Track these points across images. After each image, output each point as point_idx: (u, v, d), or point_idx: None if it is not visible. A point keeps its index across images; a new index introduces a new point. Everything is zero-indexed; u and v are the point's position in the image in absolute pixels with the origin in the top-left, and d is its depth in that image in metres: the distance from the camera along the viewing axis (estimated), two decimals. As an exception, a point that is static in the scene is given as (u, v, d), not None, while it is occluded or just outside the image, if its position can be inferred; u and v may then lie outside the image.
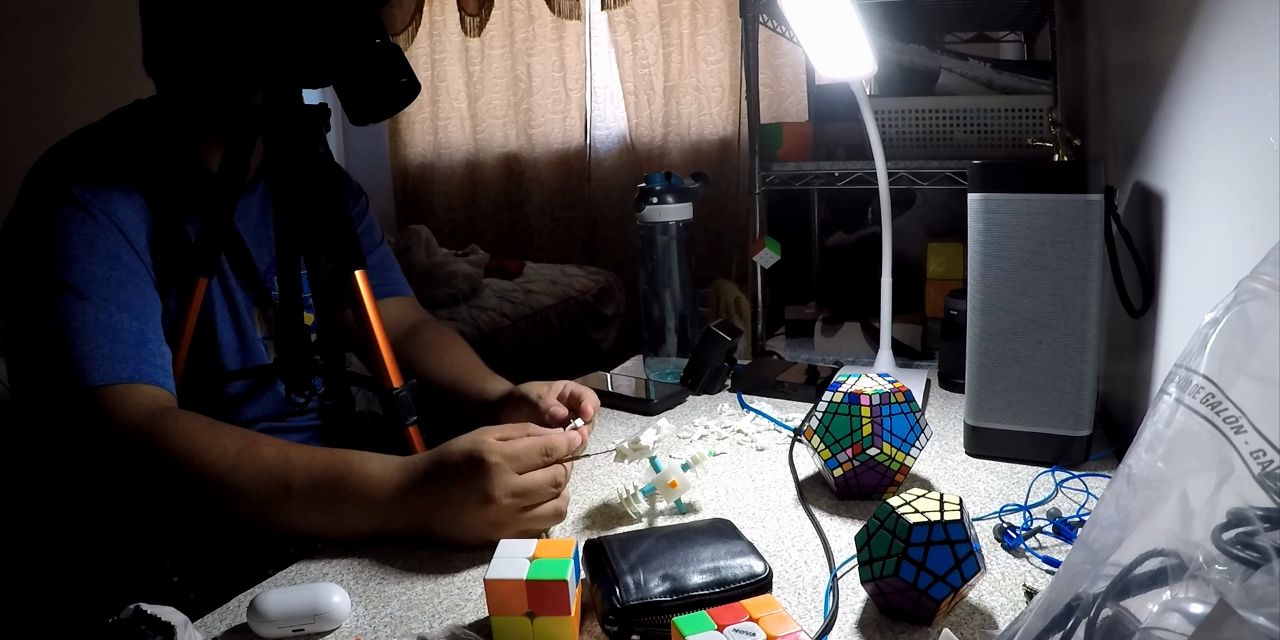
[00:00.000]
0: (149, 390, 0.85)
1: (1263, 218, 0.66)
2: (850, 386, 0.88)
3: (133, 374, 0.84)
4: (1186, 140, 0.85)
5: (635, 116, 3.37)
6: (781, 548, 0.78)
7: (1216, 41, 0.76)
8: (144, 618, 0.60)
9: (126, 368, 0.84)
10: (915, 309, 1.51)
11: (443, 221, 3.73)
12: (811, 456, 0.91)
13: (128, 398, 0.83)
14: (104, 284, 0.86)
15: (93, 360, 0.83)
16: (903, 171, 1.41)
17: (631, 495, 0.84)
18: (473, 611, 0.69)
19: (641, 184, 1.29)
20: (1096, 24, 1.30)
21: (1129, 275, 0.97)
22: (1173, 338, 0.88)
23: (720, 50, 3.19)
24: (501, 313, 2.67)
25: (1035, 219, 0.89)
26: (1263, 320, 0.44)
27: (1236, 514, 0.40)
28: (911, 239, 1.62)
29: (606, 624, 0.64)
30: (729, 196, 3.15)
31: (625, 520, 0.85)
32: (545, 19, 3.44)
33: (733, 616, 0.58)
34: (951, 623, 0.64)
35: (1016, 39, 1.92)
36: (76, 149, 0.91)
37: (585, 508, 0.89)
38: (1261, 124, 0.65)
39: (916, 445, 0.86)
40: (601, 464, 0.99)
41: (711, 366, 1.23)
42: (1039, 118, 1.39)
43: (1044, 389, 0.92)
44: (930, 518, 0.63)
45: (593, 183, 3.50)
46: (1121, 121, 1.13)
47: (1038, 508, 0.83)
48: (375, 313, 0.94)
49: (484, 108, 3.63)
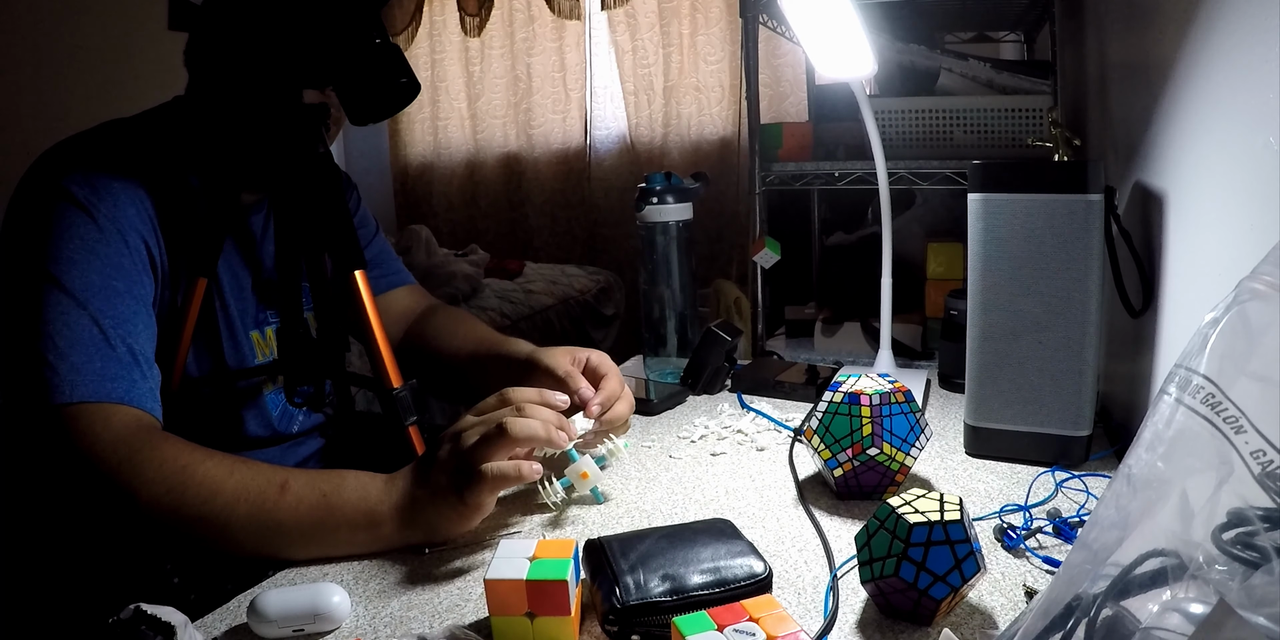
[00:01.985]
0: (133, 412, 0.80)
1: (1263, 218, 0.66)
2: (850, 386, 0.88)
3: (121, 394, 0.79)
4: (1186, 140, 0.85)
5: (635, 116, 3.37)
6: (781, 548, 0.78)
7: (1216, 41, 0.76)
8: (144, 618, 0.60)
9: (115, 387, 0.79)
10: (915, 309, 1.51)
11: (443, 221, 3.73)
12: (811, 456, 0.91)
13: (110, 417, 0.78)
14: (100, 293, 0.82)
15: (79, 374, 0.78)
16: (903, 171, 1.41)
17: (549, 487, 0.86)
18: (473, 611, 0.69)
19: (642, 184, 1.29)
20: (1096, 24, 1.30)
21: (1129, 275, 0.97)
22: (1173, 338, 0.88)
23: (720, 50, 3.19)
24: (501, 313, 2.67)
25: (1035, 219, 0.89)
26: (1263, 320, 0.44)
27: (1236, 514, 0.40)
28: (911, 239, 1.62)
29: (606, 624, 0.64)
30: (729, 197, 3.15)
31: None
32: (545, 19, 3.44)
33: (733, 616, 0.58)
34: (951, 623, 0.64)
35: (1016, 39, 1.92)
36: (80, 146, 0.89)
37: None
38: (1261, 124, 0.65)
39: (916, 445, 0.85)
40: None
41: (711, 366, 1.23)
42: (1039, 118, 1.39)
43: (1044, 389, 0.92)
44: (930, 518, 0.63)
45: (593, 183, 3.50)
46: (1121, 121, 1.13)
47: (1038, 508, 0.83)
48: (375, 312, 0.94)
49: (484, 108, 3.63)
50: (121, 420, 0.78)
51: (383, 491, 0.79)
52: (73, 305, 0.80)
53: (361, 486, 0.79)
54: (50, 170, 0.86)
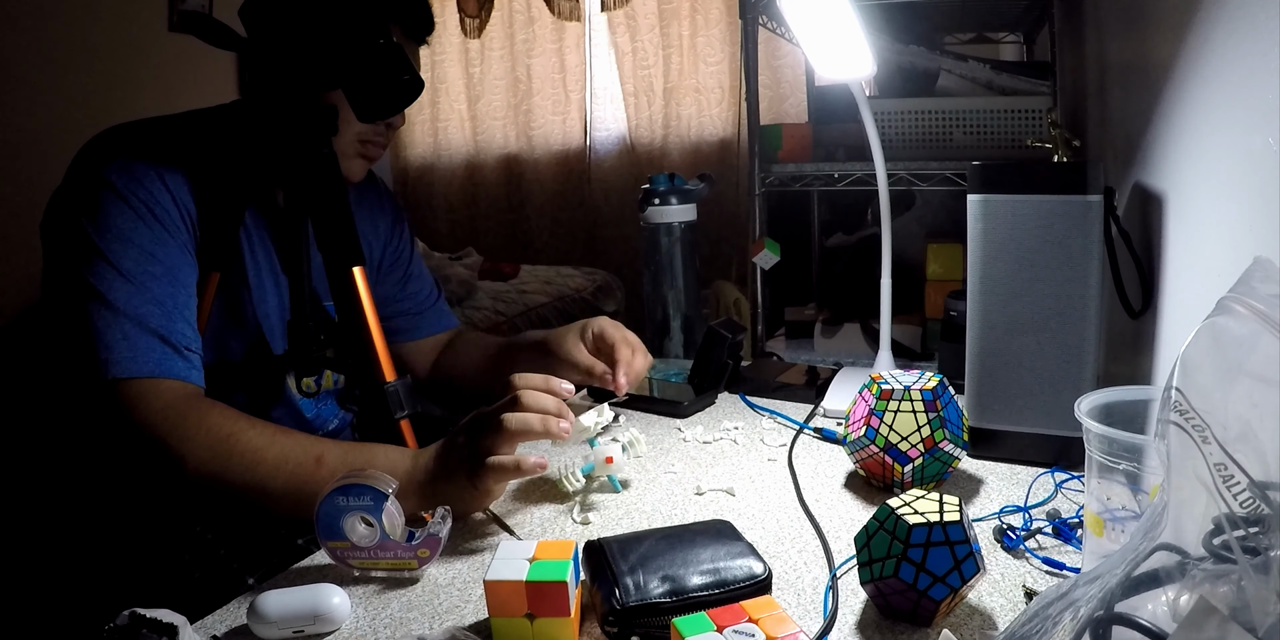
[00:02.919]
0: (179, 384, 0.86)
1: (1262, 218, 0.66)
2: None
3: (167, 369, 0.85)
4: (1186, 140, 0.85)
5: (635, 118, 3.37)
6: (781, 549, 0.78)
7: (1216, 41, 0.76)
8: (143, 622, 0.60)
9: (162, 363, 0.85)
10: (915, 310, 1.51)
11: (443, 223, 3.73)
12: None
13: (159, 389, 0.84)
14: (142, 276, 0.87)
15: (130, 352, 0.84)
16: (902, 173, 1.41)
17: (570, 473, 0.88)
18: (472, 613, 0.69)
19: (645, 185, 1.29)
20: (1096, 24, 1.30)
21: (1128, 276, 0.97)
22: (1172, 338, 0.88)
23: (720, 52, 3.19)
24: (495, 311, 2.68)
25: (1035, 220, 0.89)
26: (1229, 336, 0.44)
27: (1220, 519, 0.41)
28: (911, 240, 1.62)
29: (606, 625, 0.64)
30: (729, 198, 3.15)
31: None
32: (545, 20, 3.44)
33: (732, 618, 0.58)
34: (951, 624, 0.64)
35: (1016, 40, 1.92)
36: (126, 135, 0.93)
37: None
38: (1261, 124, 0.65)
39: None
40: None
41: (716, 364, 1.23)
42: (1038, 119, 1.39)
43: (1044, 390, 0.92)
44: (930, 519, 0.63)
45: (593, 184, 3.50)
46: (1121, 122, 1.13)
47: (1037, 508, 0.83)
48: (372, 307, 0.96)
49: (484, 109, 3.63)
50: (170, 390, 0.85)
51: (409, 469, 0.84)
52: (120, 285, 0.86)
53: (390, 462, 0.85)
54: (97, 157, 0.90)
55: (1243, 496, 0.40)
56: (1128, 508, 0.64)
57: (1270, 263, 0.48)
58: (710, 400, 1.22)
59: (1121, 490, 0.64)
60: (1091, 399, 0.69)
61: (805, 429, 1.08)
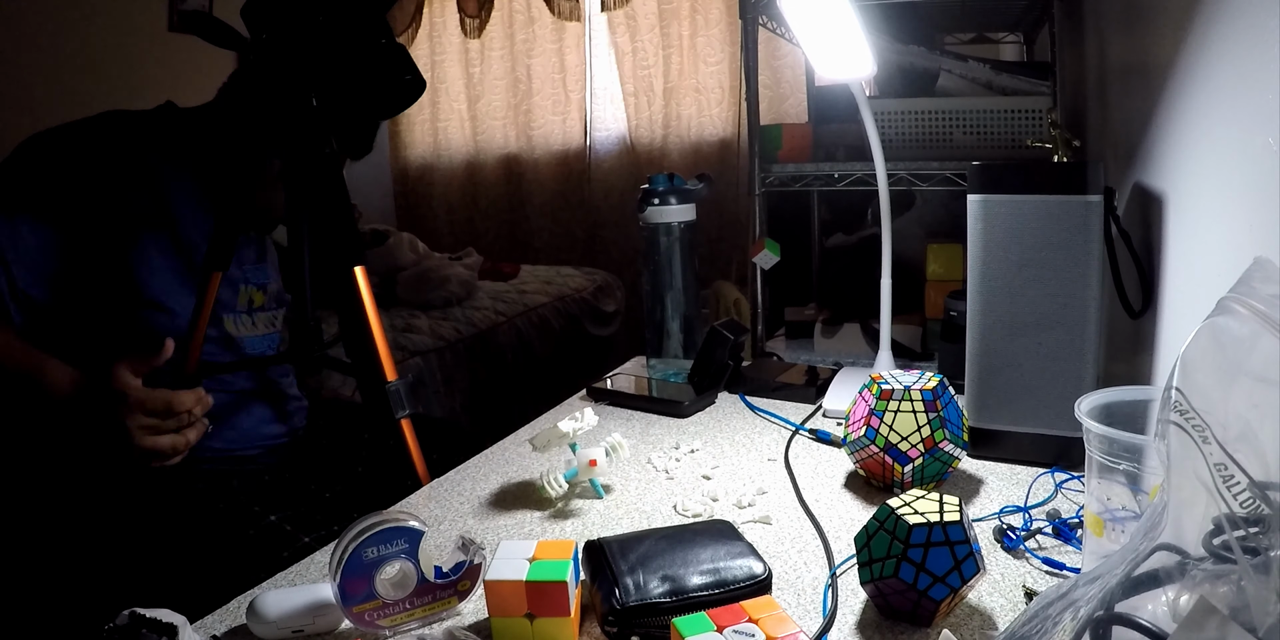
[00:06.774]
0: None
1: (1262, 218, 0.66)
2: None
3: None
4: (1186, 141, 0.85)
5: (635, 118, 3.37)
6: (781, 549, 0.78)
7: (1216, 41, 0.76)
8: (143, 621, 0.60)
9: None
10: (915, 310, 1.51)
11: (442, 223, 3.73)
12: None
13: None
14: None
15: None
16: (902, 173, 1.41)
17: (553, 479, 0.86)
18: (472, 612, 0.69)
19: (645, 185, 1.29)
20: (1096, 25, 1.30)
21: (1128, 276, 0.97)
22: (1172, 338, 0.88)
23: (720, 52, 3.19)
24: (495, 311, 2.67)
25: (1035, 220, 0.89)
26: (1229, 336, 0.44)
27: (1220, 519, 0.41)
28: (911, 240, 1.61)
29: (606, 625, 0.64)
30: (729, 198, 3.15)
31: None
32: (545, 20, 3.44)
33: (732, 617, 0.58)
34: (951, 624, 0.64)
35: (1016, 40, 1.92)
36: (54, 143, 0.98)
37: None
38: (1261, 124, 0.65)
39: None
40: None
41: (717, 365, 1.23)
42: (1038, 119, 1.39)
43: (1044, 390, 0.92)
44: (930, 519, 0.63)
45: (593, 184, 3.50)
46: (1121, 122, 1.13)
47: (1037, 509, 0.83)
48: (374, 307, 0.97)
49: (484, 109, 3.63)
50: None
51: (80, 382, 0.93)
52: None
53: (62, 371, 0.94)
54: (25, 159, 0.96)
55: (1243, 497, 0.40)
56: (1128, 508, 0.64)
57: (1270, 263, 0.48)
58: (710, 400, 1.22)
59: (1121, 490, 0.64)
60: (1091, 399, 0.69)
61: (801, 430, 1.08)
